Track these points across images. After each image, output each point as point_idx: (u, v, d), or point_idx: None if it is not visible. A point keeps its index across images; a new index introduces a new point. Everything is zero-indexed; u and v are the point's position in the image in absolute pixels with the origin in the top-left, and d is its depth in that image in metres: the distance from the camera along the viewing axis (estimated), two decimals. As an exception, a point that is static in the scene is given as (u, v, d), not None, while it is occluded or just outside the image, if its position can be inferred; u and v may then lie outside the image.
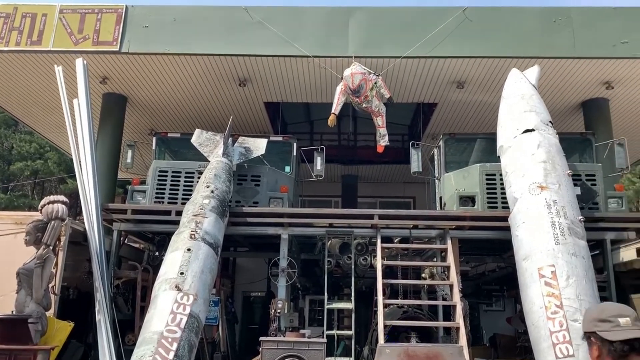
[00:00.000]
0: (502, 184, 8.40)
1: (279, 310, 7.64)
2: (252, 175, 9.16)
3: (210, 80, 11.08)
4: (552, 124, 8.18)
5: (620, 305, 2.55)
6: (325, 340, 6.83)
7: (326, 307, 8.05)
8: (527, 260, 6.97)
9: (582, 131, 10.50)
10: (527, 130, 7.94)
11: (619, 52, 9.66)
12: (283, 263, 8.28)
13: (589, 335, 2.41)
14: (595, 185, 8.58)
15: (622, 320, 2.43)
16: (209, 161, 8.80)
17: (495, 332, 11.42)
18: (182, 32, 10.06)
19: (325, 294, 8.14)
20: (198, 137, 9.40)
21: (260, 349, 6.37)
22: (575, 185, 7.95)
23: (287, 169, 9.98)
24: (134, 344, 6.18)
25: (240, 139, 9.56)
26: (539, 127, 7.99)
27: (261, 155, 9.32)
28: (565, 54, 9.66)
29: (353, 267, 8.43)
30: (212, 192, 7.78)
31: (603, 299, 7.56)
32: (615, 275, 8.11)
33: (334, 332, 7.97)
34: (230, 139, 9.24)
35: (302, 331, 7.82)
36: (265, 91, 11.63)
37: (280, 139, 10.32)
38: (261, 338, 6.53)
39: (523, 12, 9.98)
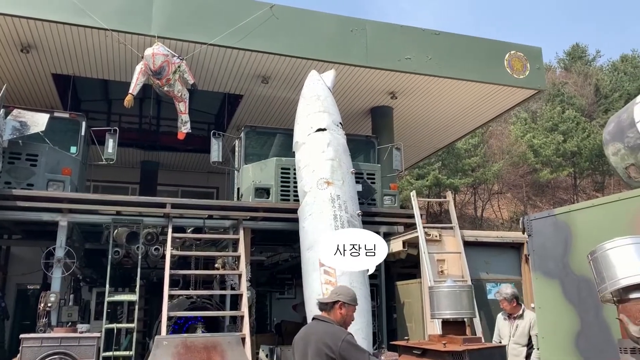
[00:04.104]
0: (295, 177, 8.81)
1: (49, 304, 6.92)
2: (28, 154, 8.15)
3: (-16, 42, 9.56)
4: (342, 125, 8.81)
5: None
6: (98, 334, 6.38)
7: (107, 299, 7.54)
8: (310, 250, 7.42)
9: (368, 134, 11.54)
10: (319, 129, 8.42)
11: (403, 67, 10.81)
12: (59, 253, 7.53)
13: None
14: (374, 183, 9.50)
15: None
16: (-27, 134, 7.58)
17: (283, 319, 11.95)
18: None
19: (107, 285, 7.62)
20: (-40, 106, 8.03)
21: (20, 347, 5.68)
22: (357, 182, 8.70)
23: (73, 149, 9.11)
24: None
25: (15, 111, 8.41)
26: (330, 127, 8.53)
27: (41, 132, 8.34)
28: (358, 62, 10.48)
29: (140, 257, 8.04)
30: (-27, 170, 6.71)
31: (374, 285, 8.43)
32: (386, 264, 9.08)
33: (114, 325, 7.51)
34: (2, 110, 8.07)
35: (78, 326, 7.20)
36: (54, 62, 10.44)
37: (66, 115, 9.36)
38: (22, 335, 5.83)
39: (324, 18, 10.56)
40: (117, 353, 7.23)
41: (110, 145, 8.85)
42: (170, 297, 7.88)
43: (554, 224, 5.03)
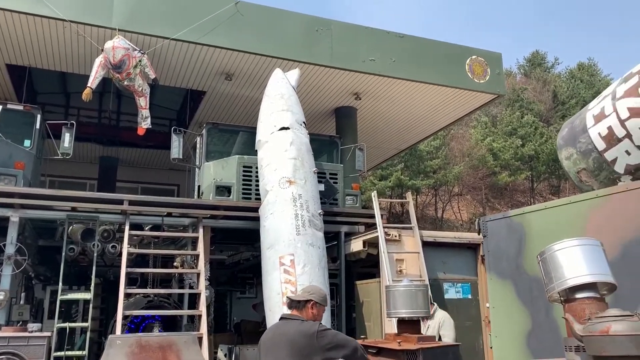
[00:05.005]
0: (257, 176, 8.76)
1: (-3, 303, 6.67)
2: (-22, 147, 7.85)
3: None
4: (305, 124, 8.81)
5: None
6: (49, 334, 6.19)
7: (60, 297, 7.33)
8: (270, 249, 7.40)
9: (332, 134, 11.58)
10: (282, 128, 8.39)
11: (367, 68, 10.88)
12: (10, 249, 7.27)
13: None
14: (336, 183, 9.55)
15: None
16: None
17: (242, 319, 11.88)
18: None
19: (60, 283, 7.40)
20: None
21: (-35, 348, 5.46)
22: (319, 182, 8.72)
23: (27, 143, 8.83)
24: None
25: (-35, 102, 8.11)
26: (294, 126, 8.51)
27: (-8, 124, 8.05)
28: (323, 62, 10.50)
29: (96, 254, 7.86)
30: None
31: (333, 285, 8.47)
32: (346, 264, 9.14)
33: (66, 324, 7.30)
34: (-49, 101, 7.75)
35: (29, 325, 6.97)
36: (9, 52, 10.07)
37: (20, 108, 9.05)
38: (-34, 336, 5.60)
39: (290, 17, 10.54)
40: (69, 353, 7.02)
41: (67, 139, 8.62)
42: (127, 295, 7.72)
43: (509, 225, 5.16)
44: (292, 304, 3.78)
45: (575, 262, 3.08)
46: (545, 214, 4.82)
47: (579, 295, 3.00)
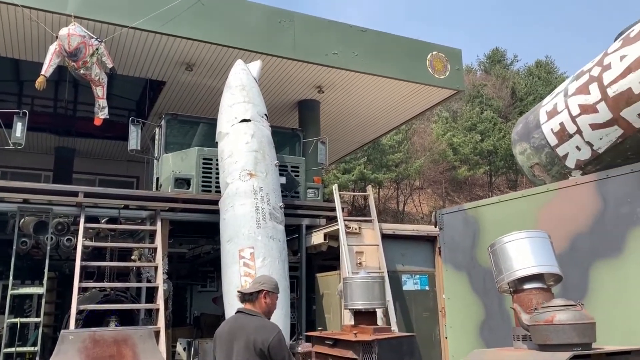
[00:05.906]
0: (217, 168, 8.66)
1: (-57, 298, 6.40)
2: None
3: None
4: (267, 116, 8.76)
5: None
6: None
7: (10, 292, 7.09)
8: (230, 242, 7.35)
9: (294, 127, 11.54)
10: (244, 120, 8.32)
11: (330, 62, 10.89)
12: (-43, 242, 6.98)
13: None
14: (298, 176, 9.54)
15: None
16: None
17: (202, 312, 11.78)
18: None
19: (11, 278, 7.16)
20: None
21: None
22: (281, 175, 8.70)
23: (-24, 133, 8.47)
24: None
25: None
26: (255, 118, 8.45)
27: (-62, 113, 7.69)
28: (286, 54, 10.44)
29: (49, 248, 7.63)
30: None
31: (294, 277, 8.49)
32: (307, 257, 9.17)
33: (17, 320, 7.08)
34: None
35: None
36: (-43, 37, 9.64)
37: (-31, 96, 8.68)
38: None
39: (252, 7, 10.42)
40: (20, 349, 6.81)
41: (19, 129, 8.30)
42: (83, 289, 7.54)
43: (464, 218, 5.27)
44: (245, 297, 3.75)
45: (523, 253, 3.17)
46: (498, 207, 4.94)
47: (526, 286, 3.10)
